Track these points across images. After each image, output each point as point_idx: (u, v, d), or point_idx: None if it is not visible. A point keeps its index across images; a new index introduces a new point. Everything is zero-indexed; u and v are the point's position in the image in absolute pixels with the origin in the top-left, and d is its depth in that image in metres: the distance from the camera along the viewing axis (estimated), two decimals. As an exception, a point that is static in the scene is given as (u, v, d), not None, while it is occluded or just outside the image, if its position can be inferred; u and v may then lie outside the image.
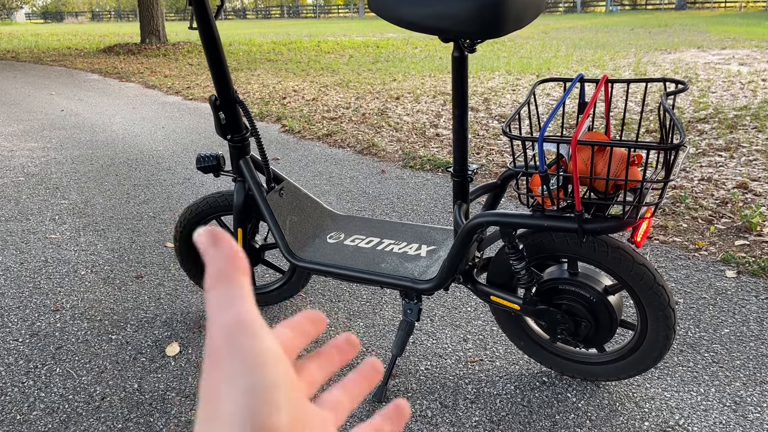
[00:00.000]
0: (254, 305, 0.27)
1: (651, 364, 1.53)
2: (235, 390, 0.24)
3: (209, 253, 0.27)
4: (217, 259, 0.27)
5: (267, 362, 0.25)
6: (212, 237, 0.27)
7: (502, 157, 3.88)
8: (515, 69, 8.10)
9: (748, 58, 8.27)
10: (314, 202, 1.96)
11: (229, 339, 0.25)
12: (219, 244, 0.27)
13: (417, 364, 1.80)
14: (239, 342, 0.25)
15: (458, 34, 1.27)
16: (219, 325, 0.25)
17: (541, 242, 1.50)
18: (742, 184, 3.16)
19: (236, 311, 0.25)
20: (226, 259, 0.27)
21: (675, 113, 1.25)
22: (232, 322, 0.25)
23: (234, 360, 0.24)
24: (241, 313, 0.25)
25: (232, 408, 0.24)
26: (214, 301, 0.26)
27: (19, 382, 1.77)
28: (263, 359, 0.25)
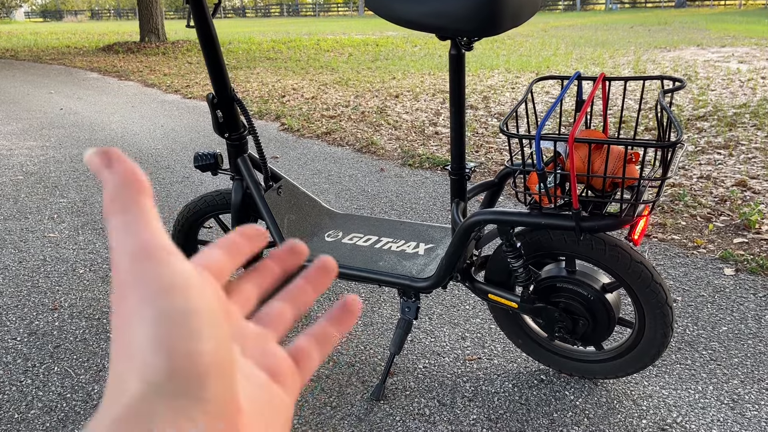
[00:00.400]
0: (161, 229, 0.24)
1: (649, 361, 1.53)
2: (144, 321, 0.22)
3: (104, 176, 0.24)
4: (113, 182, 0.24)
5: (177, 287, 0.22)
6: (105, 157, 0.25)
7: (501, 155, 3.88)
8: (514, 67, 8.09)
9: (748, 56, 8.26)
10: (312, 201, 1.95)
11: (134, 268, 0.23)
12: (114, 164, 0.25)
13: (415, 362, 1.80)
14: (144, 269, 0.23)
15: (455, 31, 1.27)
16: (122, 253, 0.23)
17: (538, 240, 1.50)
18: (740, 181, 3.16)
19: (139, 237, 0.23)
20: (123, 180, 0.24)
21: (673, 111, 1.25)
22: (135, 249, 0.23)
23: (140, 289, 0.22)
24: (145, 239, 0.23)
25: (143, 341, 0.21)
26: (114, 229, 0.24)
27: (17, 380, 1.77)
28: (171, 285, 0.22)
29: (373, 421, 1.57)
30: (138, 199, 0.24)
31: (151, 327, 0.21)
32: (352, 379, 1.73)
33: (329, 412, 1.61)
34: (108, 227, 0.24)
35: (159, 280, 0.22)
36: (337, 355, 1.84)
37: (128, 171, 0.24)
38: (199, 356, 0.22)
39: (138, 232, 0.23)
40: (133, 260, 0.23)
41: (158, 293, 0.22)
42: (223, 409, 0.22)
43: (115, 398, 0.21)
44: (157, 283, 0.22)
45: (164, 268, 0.23)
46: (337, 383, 1.72)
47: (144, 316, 0.22)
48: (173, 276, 0.23)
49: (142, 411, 0.21)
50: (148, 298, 0.22)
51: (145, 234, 0.23)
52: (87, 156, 0.25)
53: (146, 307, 0.22)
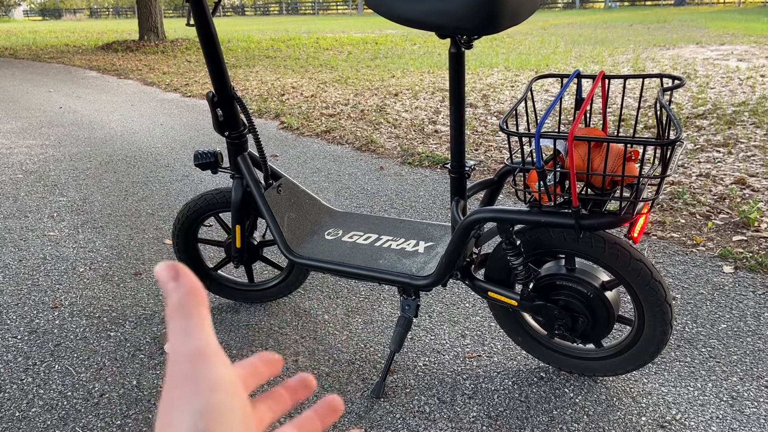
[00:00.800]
0: (214, 336, 0.28)
1: (648, 359, 1.53)
2: (188, 411, 0.25)
3: (170, 287, 0.28)
4: (177, 293, 0.28)
5: (221, 387, 0.26)
6: (173, 271, 0.28)
7: (501, 154, 3.88)
8: (514, 65, 8.09)
9: (747, 54, 8.26)
10: (312, 199, 1.96)
11: (188, 366, 0.26)
12: (179, 278, 0.28)
13: (415, 360, 1.80)
14: (196, 368, 0.26)
15: (455, 30, 1.27)
16: (179, 353, 0.26)
17: (538, 238, 1.51)
18: (740, 179, 3.16)
19: (196, 342, 0.27)
20: (186, 292, 0.28)
21: (672, 109, 1.25)
22: (191, 351, 0.26)
23: (189, 385, 0.25)
24: (201, 344, 0.27)
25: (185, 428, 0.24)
26: (175, 332, 0.27)
27: (18, 379, 1.78)
28: (217, 384, 0.26)
29: (373, 418, 1.57)
30: (198, 309, 0.28)
31: (196, 417, 0.25)
32: (353, 377, 1.74)
33: (329, 410, 1.61)
34: (168, 330, 0.28)
35: (208, 378, 0.26)
36: (337, 353, 1.84)
37: (192, 284, 0.28)
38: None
39: (197, 336, 0.27)
40: (189, 360, 0.26)
41: (206, 389, 0.25)
42: None
43: None
44: (207, 381, 0.26)
45: (213, 369, 0.26)
46: (338, 381, 1.72)
47: (191, 408, 0.25)
48: (220, 377, 0.26)
49: None
50: (198, 393, 0.25)
51: (202, 339, 0.27)
52: (157, 269, 0.29)
53: (194, 400, 0.25)
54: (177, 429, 0.25)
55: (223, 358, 0.27)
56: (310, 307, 2.11)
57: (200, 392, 0.25)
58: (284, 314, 2.07)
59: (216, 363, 0.27)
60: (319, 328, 1.99)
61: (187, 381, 0.26)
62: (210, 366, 0.26)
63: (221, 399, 0.25)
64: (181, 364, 0.26)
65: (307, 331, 1.97)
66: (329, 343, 1.90)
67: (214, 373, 0.26)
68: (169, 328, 0.28)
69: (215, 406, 0.25)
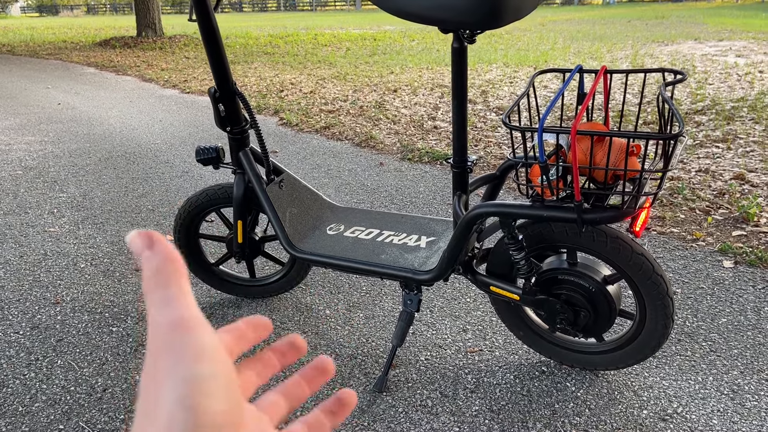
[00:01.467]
0: (194, 304, 0.27)
1: (649, 353, 1.54)
2: (172, 382, 0.24)
3: (145, 256, 0.27)
4: (153, 262, 0.27)
5: (204, 355, 0.25)
6: (147, 239, 0.28)
7: (500, 149, 3.88)
8: (513, 61, 8.09)
9: (745, 50, 8.27)
10: (314, 194, 1.96)
11: (170, 336, 0.25)
12: (155, 246, 0.28)
13: (417, 354, 1.81)
14: (178, 339, 0.25)
15: (458, 24, 1.27)
16: (159, 324, 0.26)
17: (540, 232, 1.51)
18: (739, 175, 3.17)
19: (176, 312, 0.26)
20: (162, 261, 0.27)
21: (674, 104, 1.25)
22: (171, 321, 0.26)
23: (172, 355, 0.25)
24: (181, 313, 0.26)
25: (168, 399, 0.24)
26: (154, 302, 0.27)
27: (20, 374, 1.78)
28: (201, 353, 0.25)
29: (375, 412, 1.58)
30: (176, 277, 0.27)
31: (181, 387, 0.24)
32: (355, 371, 1.74)
33: (332, 404, 1.61)
34: (147, 300, 0.27)
35: (192, 347, 0.25)
36: (339, 348, 1.85)
37: (167, 252, 0.28)
38: (218, 415, 0.24)
39: (176, 305, 0.26)
40: (171, 330, 0.26)
41: (190, 358, 0.25)
42: None
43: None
44: (190, 350, 0.25)
45: (196, 338, 0.26)
46: (340, 375, 1.73)
47: (175, 378, 0.24)
48: (203, 345, 0.26)
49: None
50: (181, 362, 0.25)
51: (182, 308, 0.26)
52: (129, 237, 0.28)
53: (178, 370, 0.25)
54: (161, 400, 0.24)
55: (205, 325, 0.27)
56: (311, 302, 2.11)
57: (184, 362, 0.25)
58: (286, 309, 2.07)
59: (198, 331, 0.26)
60: (321, 323, 2.00)
61: (170, 351, 0.25)
62: (192, 335, 0.26)
63: (205, 368, 0.25)
64: (162, 334, 0.26)
65: (309, 327, 1.97)
66: (331, 338, 1.90)
67: (197, 342, 0.25)
68: (147, 299, 0.27)
69: (199, 375, 0.25)
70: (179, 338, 0.25)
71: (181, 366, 0.25)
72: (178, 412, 0.24)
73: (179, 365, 0.25)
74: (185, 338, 0.25)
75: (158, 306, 0.26)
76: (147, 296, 0.27)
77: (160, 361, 0.25)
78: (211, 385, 0.25)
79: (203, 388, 0.24)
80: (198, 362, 0.25)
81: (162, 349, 0.25)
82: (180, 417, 0.24)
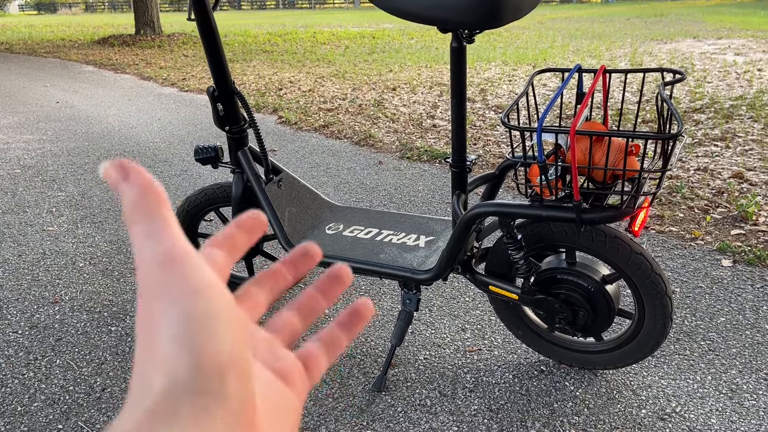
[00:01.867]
0: (182, 235, 0.25)
1: (648, 352, 1.54)
2: (170, 322, 0.23)
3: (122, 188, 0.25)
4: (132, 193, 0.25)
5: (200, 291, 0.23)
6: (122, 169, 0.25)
7: (499, 148, 3.88)
8: (511, 60, 8.08)
9: (744, 48, 8.27)
10: (312, 193, 1.96)
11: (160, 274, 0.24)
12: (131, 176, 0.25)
13: (416, 353, 1.81)
14: (170, 275, 0.24)
15: (457, 24, 1.27)
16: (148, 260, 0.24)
17: (539, 232, 1.51)
18: (737, 173, 3.17)
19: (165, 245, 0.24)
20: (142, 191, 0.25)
21: (673, 103, 1.25)
22: (161, 256, 0.24)
23: (167, 293, 0.23)
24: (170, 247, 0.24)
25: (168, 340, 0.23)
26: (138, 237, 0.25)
27: (19, 373, 1.78)
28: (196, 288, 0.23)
29: (374, 411, 1.58)
30: (158, 208, 0.25)
31: (177, 327, 0.22)
32: (354, 371, 1.75)
33: (331, 403, 1.62)
34: (131, 235, 0.25)
35: (185, 283, 0.23)
36: (339, 347, 1.85)
37: (146, 181, 0.25)
38: (219, 354, 0.23)
39: (162, 239, 0.24)
40: (160, 266, 0.24)
41: (185, 296, 0.23)
42: (242, 407, 0.23)
43: (139, 398, 0.22)
44: (184, 286, 0.23)
45: (190, 273, 0.24)
46: (339, 374, 1.73)
47: (171, 317, 0.23)
48: (198, 280, 0.24)
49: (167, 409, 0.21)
50: (176, 301, 0.23)
51: (168, 241, 0.24)
52: (103, 169, 0.25)
53: (173, 309, 0.23)
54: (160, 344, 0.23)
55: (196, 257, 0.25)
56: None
57: (178, 300, 0.23)
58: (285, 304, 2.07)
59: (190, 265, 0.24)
60: (319, 322, 2.00)
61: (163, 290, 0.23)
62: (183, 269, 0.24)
63: (202, 304, 0.23)
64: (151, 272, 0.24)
65: (308, 326, 1.97)
66: (330, 337, 1.90)
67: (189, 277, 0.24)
68: (130, 233, 0.25)
69: (197, 313, 0.23)
70: (170, 274, 0.24)
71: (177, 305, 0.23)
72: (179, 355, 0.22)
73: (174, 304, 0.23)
74: (177, 274, 0.24)
75: (143, 241, 0.24)
76: (130, 230, 0.25)
77: (153, 300, 0.23)
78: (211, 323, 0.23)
79: (203, 326, 0.23)
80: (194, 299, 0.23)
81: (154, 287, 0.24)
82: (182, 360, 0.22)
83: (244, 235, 0.30)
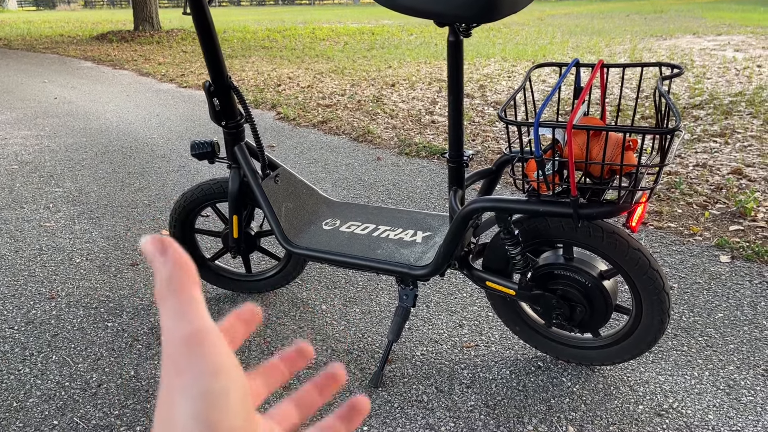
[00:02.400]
0: (208, 315, 0.27)
1: (645, 348, 1.54)
2: (188, 397, 0.25)
3: (157, 262, 0.27)
4: (165, 269, 0.27)
5: (221, 370, 0.25)
6: (159, 244, 0.27)
7: (498, 144, 3.87)
8: (510, 56, 8.06)
9: (744, 44, 8.25)
10: (309, 189, 1.95)
11: (186, 351, 0.25)
12: (167, 252, 0.27)
13: (413, 349, 1.80)
14: (194, 353, 0.25)
15: (454, 18, 1.26)
16: (176, 337, 0.26)
17: (536, 227, 1.51)
18: (736, 169, 3.16)
19: (192, 324, 0.26)
20: (175, 268, 0.27)
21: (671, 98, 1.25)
22: (188, 334, 0.26)
23: (191, 369, 0.25)
24: (198, 326, 0.26)
25: (184, 415, 0.24)
26: (168, 313, 0.26)
27: (15, 369, 1.77)
28: (216, 369, 0.25)
29: (371, 407, 1.57)
30: (188, 287, 0.27)
31: (197, 402, 0.25)
32: (351, 366, 1.74)
33: (328, 400, 1.61)
34: (160, 310, 0.27)
35: (208, 363, 0.25)
36: (335, 343, 1.85)
37: (180, 259, 0.27)
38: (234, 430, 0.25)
39: (190, 318, 0.26)
40: (186, 344, 0.26)
41: (204, 375, 0.25)
42: None
43: None
44: (207, 365, 0.25)
45: (213, 352, 0.26)
46: (336, 371, 1.72)
47: (191, 395, 0.25)
48: (218, 360, 0.26)
49: None
50: (196, 379, 0.25)
51: (196, 320, 0.26)
52: (142, 242, 0.28)
53: (194, 387, 0.25)
54: (177, 416, 0.25)
55: (218, 337, 0.27)
56: (307, 298, 2.11)
57: (200, 378, 0.25)
58: (282, 304, 2.07)
59: (212, 344, 0.26)
60: (317, 318, 1.99)
61: (185, 365, 0.25)
62: (207, 349, 0.26)
63: (221, 383, 0.25)
64: (177, 348, 0.26)
65: (305, 322, 1.97)
66: (327, 333, 1.90)
67: (211, 356, 0.26)
68: (160, 307, 0.27)
69: (215, 390, 0.25)
70: (194, 352, 0.25)
71: (197, 384, 0.25)
72: (195, 429, 0.24)
73: (195, 382, 0.25)
74: (199, 352, 0.25)
75: (171, 316, 0.26)
76: (160, 304, 0.27)
77: (175, 376, 0.25)
78: (227, 400, 0.25)
79: (219, 403, 0.25)
80: (214, 378, 0.25)
81: (177, 362, 0.25)
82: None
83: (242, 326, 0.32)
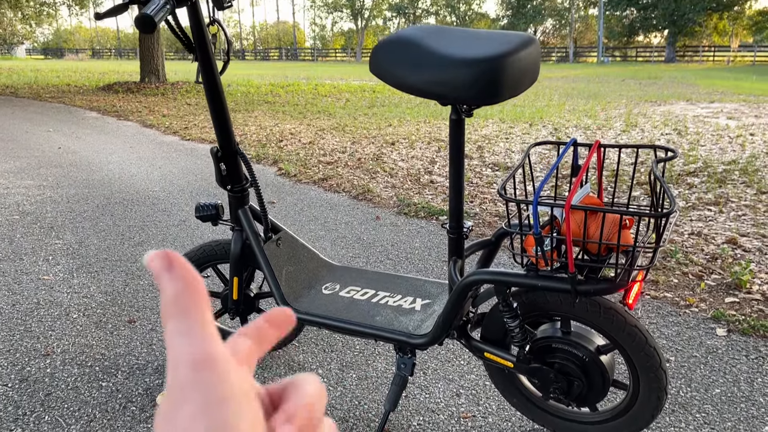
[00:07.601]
0: (217, 336, 0.25)
1: (644, 424, 1.53)
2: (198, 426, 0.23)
3: (163, 279, 0.25)
4: (173, 286, 0.25)
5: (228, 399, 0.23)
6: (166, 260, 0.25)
7: (496, 206, 3.92)
8: (508, 117, 8.24)
9: (736, 112, 8.45)
10: (311, 252, 1.97)
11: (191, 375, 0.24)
12: (174, 268, 0.25)
13: (409, 418, 1.79)
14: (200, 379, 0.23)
15: (455, 99, 1.32)
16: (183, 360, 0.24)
17: (534, 301, 1.52)
18: (731, 239, 3.20)
19: (198, 347, 0.24)
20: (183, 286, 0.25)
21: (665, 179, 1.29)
22: (195, 357, 0.24)
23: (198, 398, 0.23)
24: (205, 349, 0.24)
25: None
26: (174, 333, 0.24)
27: (7, 429, 1.75)
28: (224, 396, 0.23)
29: (366, 479, 1.55)
30: (196, 306, 0.25)
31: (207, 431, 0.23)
32: (346, 435, 1.72)
33: (322, 470, 1.59)
34: (166, 329, 0.25)
35: (216, 391, 0.23)
36: (331, 410, 1.83)
37: (188, 276, 0.25)
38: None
39: (196, 339, 0.24)
40: (192, 368, 0.24)
41: (215, 404, 0.23)
42: None
43: None
44: (215, 394, 0.23)
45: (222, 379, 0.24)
46: (331, 439, 1.70)
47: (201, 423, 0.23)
48: (229, 388, 0.24)
49: None
50: (205, 409, 0.23)
51: (204, 342, 0.24)
52: (147, 258, 0.26)
53: (203, 419, 0.23)
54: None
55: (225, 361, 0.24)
56: (304, 361, 2.10)
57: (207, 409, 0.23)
58: (278, 367, 2.06)
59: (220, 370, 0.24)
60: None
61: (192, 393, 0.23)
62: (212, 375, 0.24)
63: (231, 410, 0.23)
64: (184, 372, 0.24)
65: (301, 386, 1.95)
66: (323, 399, 1.88)
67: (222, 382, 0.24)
68: (166, 327, 0.25)
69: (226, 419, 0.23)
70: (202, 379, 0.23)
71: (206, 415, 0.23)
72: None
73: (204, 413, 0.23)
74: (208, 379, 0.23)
75: (178, 338, 0.24)
76: (166, 324, 0.25)
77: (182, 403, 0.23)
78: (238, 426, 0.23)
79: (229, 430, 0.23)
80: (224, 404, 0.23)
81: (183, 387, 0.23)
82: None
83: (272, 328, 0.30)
